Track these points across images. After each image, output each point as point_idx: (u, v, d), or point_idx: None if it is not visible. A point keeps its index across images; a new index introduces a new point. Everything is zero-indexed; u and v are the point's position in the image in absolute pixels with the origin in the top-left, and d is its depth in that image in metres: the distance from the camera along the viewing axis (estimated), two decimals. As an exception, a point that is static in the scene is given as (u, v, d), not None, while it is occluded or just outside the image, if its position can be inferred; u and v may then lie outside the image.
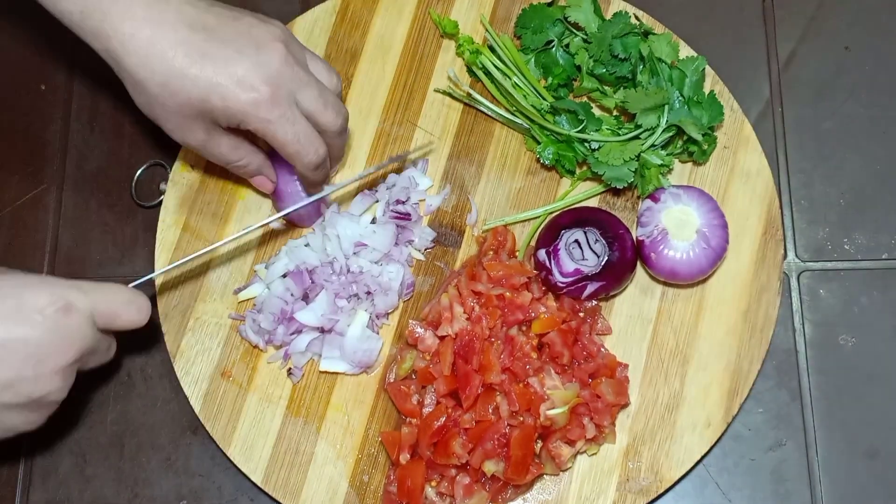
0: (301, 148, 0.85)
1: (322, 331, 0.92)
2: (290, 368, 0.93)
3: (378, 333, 0.93)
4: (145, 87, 0.81)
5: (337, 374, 0.93)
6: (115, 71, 0.83)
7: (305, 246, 0.94)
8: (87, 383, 0.96)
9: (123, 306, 0.80)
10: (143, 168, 1.01)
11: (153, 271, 0.96)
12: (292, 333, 0.92)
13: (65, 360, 0.76)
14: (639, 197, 0.94)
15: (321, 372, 0.92)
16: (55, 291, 0.76)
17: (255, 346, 0.93)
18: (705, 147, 0.94)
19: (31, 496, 0.93)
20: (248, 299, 0.95)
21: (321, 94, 0.86)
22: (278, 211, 0.94)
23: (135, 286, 0.84)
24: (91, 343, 0.78)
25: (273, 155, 0.92)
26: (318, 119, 0.86)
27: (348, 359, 0.91)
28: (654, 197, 0.91)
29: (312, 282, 0.91)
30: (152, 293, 0.95)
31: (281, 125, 0.83)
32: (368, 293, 0.92)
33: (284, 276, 0.93)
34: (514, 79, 0.97)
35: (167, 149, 1.01)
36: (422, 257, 0.96)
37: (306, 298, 0.92)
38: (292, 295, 0.92)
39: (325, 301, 0.90)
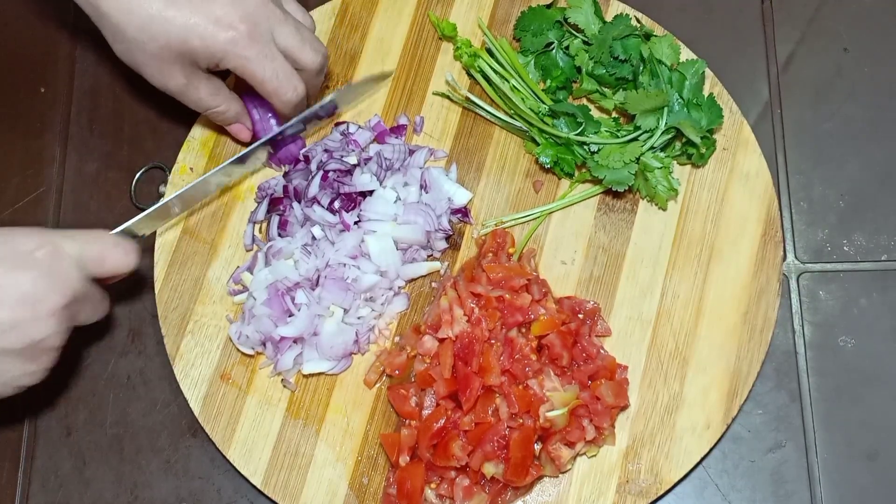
0: (279, 85, 0.87)
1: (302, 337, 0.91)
2: (282, 379, 0.93)
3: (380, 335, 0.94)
4: (124, 32, 0.83)
5: (336, 376, 0.93)
6: (94, 19, 0.85)
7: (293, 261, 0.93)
8: (87, 382, 0.96)
9: (110, 249, 0.83)
10: (142, 171, 1.01)
11: (153, 273, 0.96)
12: (277, 351, 0.91)
13: (58, 302, 0.78)
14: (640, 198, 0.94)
15: (305, 376, 0.92)
16: (44, 237, 0.79)
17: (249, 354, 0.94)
18: (703, 151, 0.94)
19: (30, 498, 0.93)
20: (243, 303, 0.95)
21: (298, 31, 0.87)
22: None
23: (117, 232, 0.87)
24: (81, 288, 0.80)
25: (252, 101, 0.94)
26: (296, 57, 0.88)
27: (326, 355, 0.91)
28: None
29: (293, 300, 0.91)
30: (151, 292, 0.96)
31: (259, 62, 0.85)
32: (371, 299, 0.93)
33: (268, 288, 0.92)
34: (513, 82, 0.97)
35: (166, 151, 1.01)
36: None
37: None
38: (275, 320, 0.91)
39: (305, 316, 0.90)
